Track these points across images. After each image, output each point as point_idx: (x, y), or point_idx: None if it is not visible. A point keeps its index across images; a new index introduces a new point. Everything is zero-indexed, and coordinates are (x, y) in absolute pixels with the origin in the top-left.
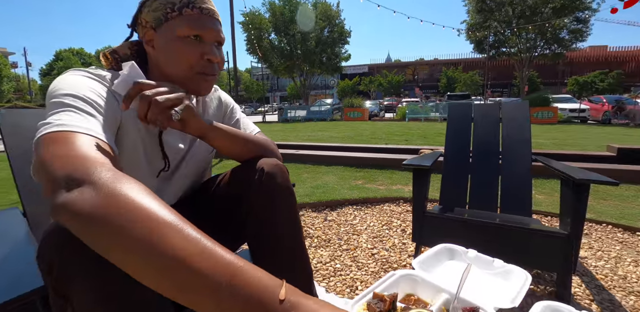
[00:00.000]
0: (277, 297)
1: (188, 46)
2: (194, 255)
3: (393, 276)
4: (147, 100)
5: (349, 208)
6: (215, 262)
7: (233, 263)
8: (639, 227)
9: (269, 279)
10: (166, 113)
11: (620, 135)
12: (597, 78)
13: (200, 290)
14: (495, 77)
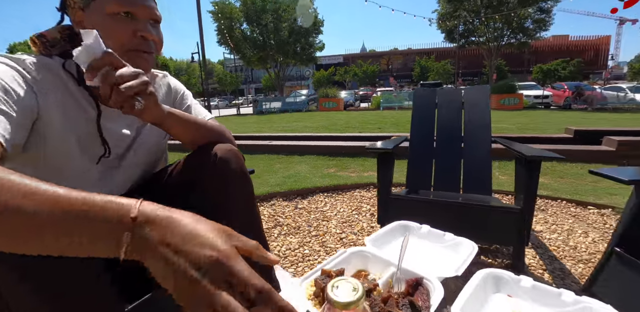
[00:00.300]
0: (129, 215)
1: (119, 23)
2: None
3: (344, 253)
4: (110, 84)
5: (320, 195)
6: (42, 198)
7: (65, 196)
8: (590, 202)
9: (120, 202)
10: (129, 101)
11: (579, 118)
12: (560, 66)
13: (34, 230)
14: (466, 66)
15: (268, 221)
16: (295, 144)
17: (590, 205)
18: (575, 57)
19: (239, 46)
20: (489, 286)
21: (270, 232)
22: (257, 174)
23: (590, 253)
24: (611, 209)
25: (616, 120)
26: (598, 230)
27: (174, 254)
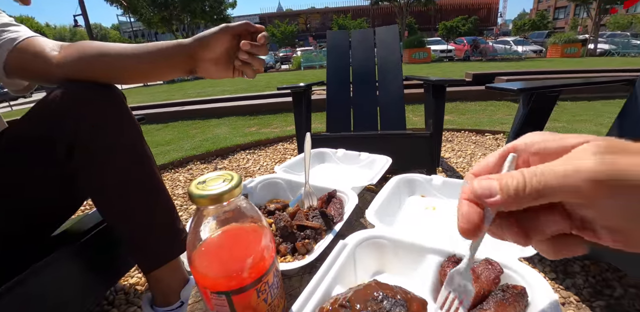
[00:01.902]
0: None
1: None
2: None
3: (251, 182)
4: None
5: (242, 153)
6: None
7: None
8: (487, 130)
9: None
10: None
11: (476, 67)
12: (460, 23)
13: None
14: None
15: (185, 185)
16: (212, 106)
17: (487, 132)
18: (473, 15)
19: (134, 5)
20: (403, 189)
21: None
22: (170, 140)
23: None
24: (502, 134)
25: (504, 67)
26: (493, 151)
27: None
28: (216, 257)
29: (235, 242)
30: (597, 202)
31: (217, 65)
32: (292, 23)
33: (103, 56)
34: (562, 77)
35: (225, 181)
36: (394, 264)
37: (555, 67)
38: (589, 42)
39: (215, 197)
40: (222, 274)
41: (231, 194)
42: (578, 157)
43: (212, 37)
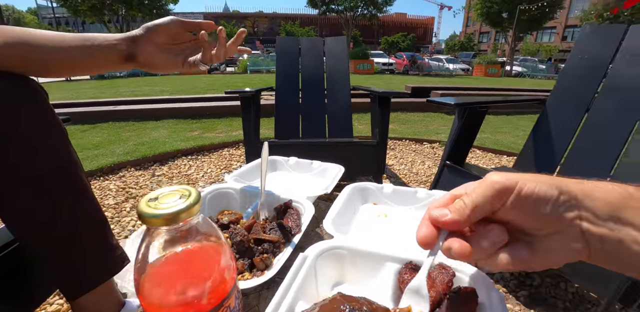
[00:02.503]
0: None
1: None
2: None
3: (201, 193)
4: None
5: (183, 159)
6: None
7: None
8: (424, 139)
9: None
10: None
11: (415, 81)
12: (400, 39)
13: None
14: (328, 33)
15: (117, 195)
16: (149, 107)
17: (425, 141)
18: (411, 33)
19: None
20: (356, 197)
21: (121, 207)
22: (98, 144)
23: (427, 176)
24: (438, 143)
25: (438, 82)
26: (431, 159)
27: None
28: (169, 282)
29: (191, 264)
30: (504, 199)
31: (162, 52)
32: (238, 25)
33: (22, 44)
34: (488, 93)
35: (182, 197)
36: (352, 273)
37: (481, 85)
38: (507, 65)
39: (171, 217)
40: (177, 303)
41: (189, 213)
42: (485, 178)
43: (162, 22)
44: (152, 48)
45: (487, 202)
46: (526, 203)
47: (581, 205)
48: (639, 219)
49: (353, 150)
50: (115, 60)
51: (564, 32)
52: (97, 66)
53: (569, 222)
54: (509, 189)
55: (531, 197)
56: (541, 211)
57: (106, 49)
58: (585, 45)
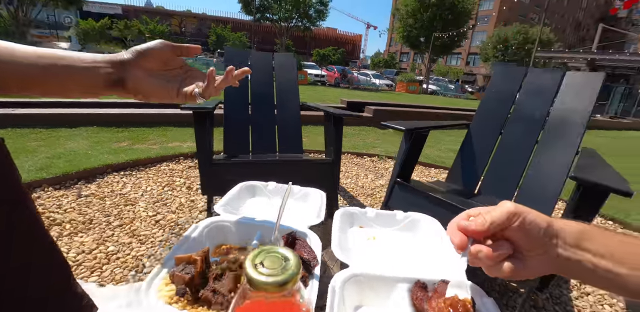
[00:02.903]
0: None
1: None
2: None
3: (195, 229)
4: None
5: (114, 176)
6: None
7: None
8: (364, 153)
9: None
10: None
11: (346, 94)
12: (331, 52)
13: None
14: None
15: None
16: (61, 112)
17: (364, 155)
18: (341, 47)
19: None
20: (345, 222)
21: None
22: None
23: (371, 189)
24: (377, 156)
25: (367, 96)
26: (372, 172)
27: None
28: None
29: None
30: (512, 224)
31: (152, 78)
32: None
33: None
34: (416, 111)
35: (282, 258)
36: (370, 297)
37: (408, 101)
38: (424, 83)
39: (281, 284)
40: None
41: (295, 281)
42: (501, 204)
43: (154, 46)
44: (142, 73)
45: (501, 219)
46: (527, 227)
47: (559, 235)
48: (592, 247)
49: (310, 167)
50: (97, 85)
51: (467, 58)
52: (70, 90)
53: (551, 246)
54: (517, 215)
55: (531, 224)
56: (535, 234)
57: (85, 72)
58: (497, 81)
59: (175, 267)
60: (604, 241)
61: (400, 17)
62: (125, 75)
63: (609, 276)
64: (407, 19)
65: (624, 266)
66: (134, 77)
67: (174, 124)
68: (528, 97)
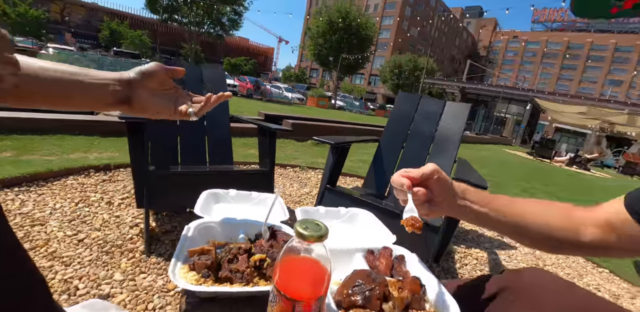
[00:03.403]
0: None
1: None
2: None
3: (189, 230)
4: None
5: (6, 193)
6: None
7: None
8: (286, 164)
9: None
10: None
11: (261, 106)
12: (243, 62)
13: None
14: (165, 42)
15: None
16: None
17: (287, 166)
18: (253, 58)
19: None
20: (305, 216)
21: None
22: None
23: (298, 196)
24: (298, 167)
25: (280, 109)
26: (297, 181)
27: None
28: (302, 271)
29: (317, 265)
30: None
31: (154, 97)
32: (39, 7)
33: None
34: (328, 125)
35: (320, 226)
36: (338, 264)
37: (318, 115)
38: (332, 99)
39: (322, 236)
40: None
41: (327, 235)
42: (427, 164)
43: (154, 68)
44: (146, 93)
45: (429, 172)
46: (442, 180)
47: (456, 190)
48: (470, 198)
49: (249, 177)
50: (106, 101)
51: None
52: (80, 104)
53: (453, 197)
54: (438, 171)
55: (445, 179)
56: (447, 186)
57: (97, 88)
58: (400, 105)
59: (195, 257)
60: (477, 195)
61: (311, 35)
62: (132, 94)
63: (488, 219)
64: (317, 39)
65: (493, 211)
66: (140, 97)
67: (70, 132)
68: (422, 119)
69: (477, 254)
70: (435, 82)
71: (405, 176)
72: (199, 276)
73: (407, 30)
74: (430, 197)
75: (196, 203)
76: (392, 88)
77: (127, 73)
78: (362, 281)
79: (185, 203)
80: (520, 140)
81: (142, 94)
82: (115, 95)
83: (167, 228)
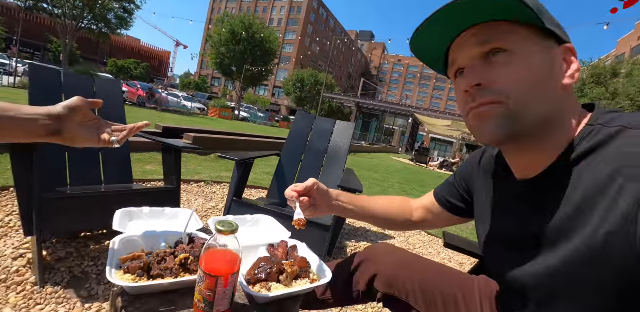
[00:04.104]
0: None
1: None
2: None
3: (115, 244)
4: None
5: None
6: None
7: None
8: (190, 179)
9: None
10: None
11: (157, 116)
12: (133, 65)
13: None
14: (28, 34)
15: None
16: None
17: (191, 181)
18: (145, 61)
19: None
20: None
21: None
22: None
23: (205, 210)
24: (203, 182)
25: (181, 120)
26: (202, 196)
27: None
28: (222, 256)
29: (230, 253)
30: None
31: (81, 128)
32: None
33: None
34: (232, 138)
35: (231, 224)
36: (247, 256)
37: (221, 127)
38: (236, 110)
39: (234, 230)
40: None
41: (237, 230)
42: (310, 179)
43: (79, 103)
44: (74, 125)
45: (310, 185)
46: (321, 190)
47: (331, 195)
48: (342, 199)
49: (151, 197)
50: (37, 134)
51: (273, 90)
52: (12, 137)
53: (330, 200)
54: (317, 184)
55: (322, 189)
56: (324, 194)
57: (28, 123)
58: (298, 123)
59: (128, 263)
60: (346, 197)
61: (213, 44)
62: (62, 127)
63: (353, 212)
64: (219, 48)
65: (356, 207)
66: (69, 129)
67: None
68: (316, 136)
69: (365, 246)
70: (335, 96)
71: (293, 190)
72: (135, 276)
73: (309, 47)
74: (313, 203)
75: (113, 221)
76: (295, 101)
77: (55, 108)
78: (265, 263)
79: (83, 227)
80: (405, 149)
81: (71, 126)
82: (46, 129)
83: (62, 255)
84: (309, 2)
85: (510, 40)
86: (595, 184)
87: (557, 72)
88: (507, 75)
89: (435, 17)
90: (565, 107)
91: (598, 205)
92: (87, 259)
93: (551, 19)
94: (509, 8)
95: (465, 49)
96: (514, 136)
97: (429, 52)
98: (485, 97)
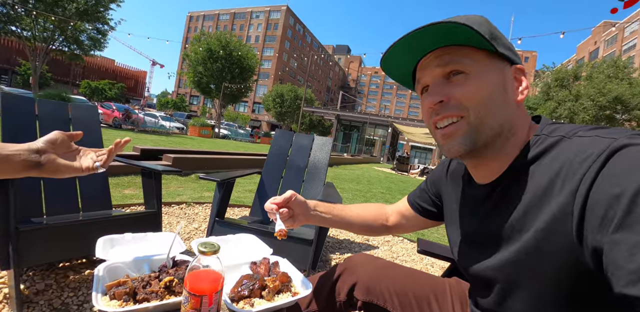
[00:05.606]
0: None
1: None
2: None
3: (99, 271)
4: None
5: None
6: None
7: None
8: (170, 202)
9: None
10: None
11: (134, 138)
12: (107, 86)
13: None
14: None
15: None
16: None
17: (172, 203)
18: (120, 82)
19: None
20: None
21: None
22: None
23: (187, 232)
24: (185, 204)
25: (159, 141)
26: (184, 218)
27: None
28: (205, 277)
29: (212, 273)
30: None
31: (62, 160)
32: None
33: None
34: (213, 157)
35: (213, 245)
36: (231, 274)
37: (200, 146)
38: (216, 127)
39: (215, 250)
40: (209, 286)
41: (218, 250)
42: (288, 191)
43: (58, 136)
44: (54, 157)
45: (288, 196)
46: (299, 201)
47: (309, 205)
48: (320, 209)
49: (131, 222)
50: (19, 169)
51: (253, 106)
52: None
53: (308, 210)
54: (295, 195)
55: (300, 200)
56: (302, 205)
57: (9, 158)
58: (278, 141)
59: (114, 289)
60: (324, 207)
61: (190, 62)
62: (43, 160)
63: (331, 221)
64: (197, 66)
65: (333, 216)
66: (50, 161)
67: None
68: (296, 152)
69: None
70: (315, 110)
71: (273, 202)
72: (121, 301)
73: (288, 62)
74: (292, 214)
75: (96, 249)
76: (276, 116)
77: (35, 144)
78: (247, 280)
79: (61, 257)
80: (387, 158)
81: (52, 158)
82: (27, 164)
83: (40, 288)
84: (285, 18)
85: (466, 63)
86: (541, 185)
87: (509, 89)
88: (465, 92)
89: (396, 47)
90: (516, 119)
91: (544, 202)
92: (67, 290)
93: (503, 43)
94: (466, 37)
95: (428, 70)
96: (474, 150)
97: (398, 72)
98: (448, 111)
